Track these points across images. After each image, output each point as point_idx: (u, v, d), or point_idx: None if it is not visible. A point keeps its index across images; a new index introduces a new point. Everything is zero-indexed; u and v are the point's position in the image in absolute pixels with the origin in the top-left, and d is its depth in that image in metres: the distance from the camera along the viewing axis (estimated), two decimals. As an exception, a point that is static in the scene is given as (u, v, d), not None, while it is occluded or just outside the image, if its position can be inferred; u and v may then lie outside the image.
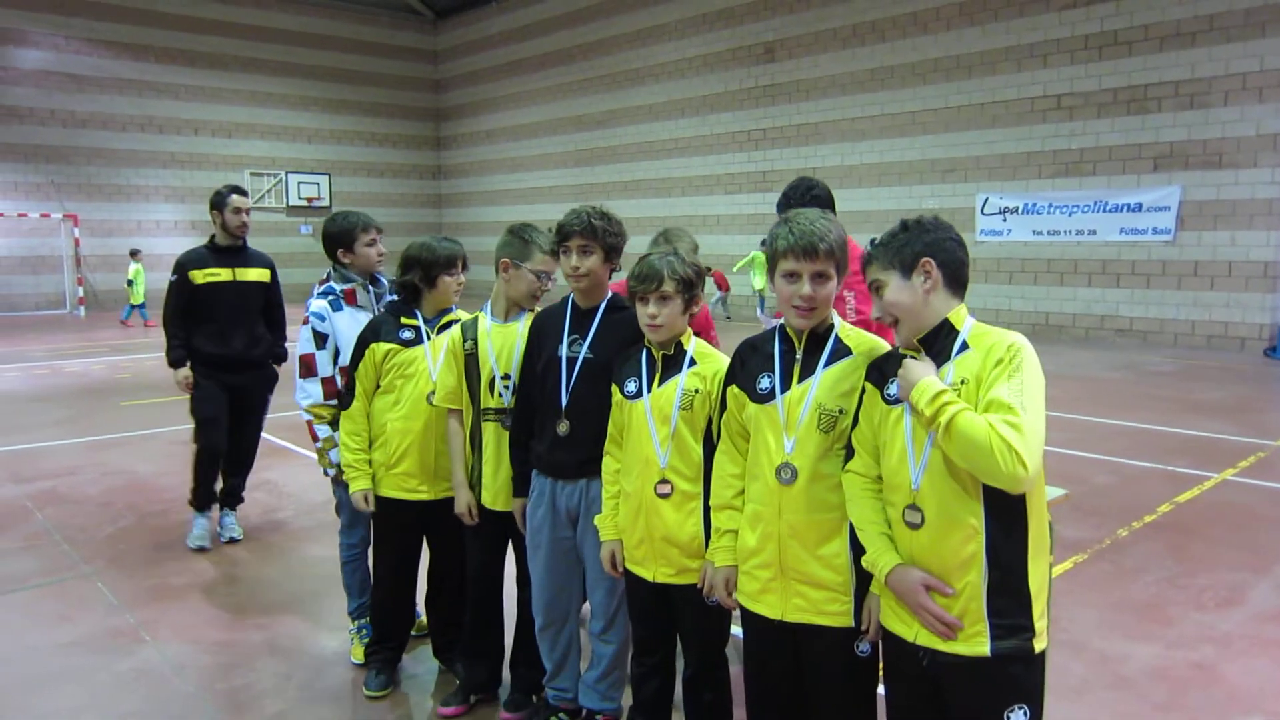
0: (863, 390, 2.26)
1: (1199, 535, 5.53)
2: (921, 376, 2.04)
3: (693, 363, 2.74)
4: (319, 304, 3.79)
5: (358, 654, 3.86)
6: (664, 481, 2.70)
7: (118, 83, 22.94)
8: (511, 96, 26.43)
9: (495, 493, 3.26)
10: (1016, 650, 1.98)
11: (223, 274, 5.31)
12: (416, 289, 3.51)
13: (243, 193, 5.36)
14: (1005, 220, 16.43)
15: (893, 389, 2.15)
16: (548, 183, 25.08)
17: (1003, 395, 1.94)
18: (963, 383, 2.03)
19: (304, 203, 25.93)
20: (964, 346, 2.07)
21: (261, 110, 25.34)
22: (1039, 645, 2.00)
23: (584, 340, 2.98)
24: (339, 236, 3.83)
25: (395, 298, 3.69)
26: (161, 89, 23.64)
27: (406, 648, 3.84)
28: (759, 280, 17.36)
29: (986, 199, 16.58)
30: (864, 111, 18.15)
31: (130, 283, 19.03)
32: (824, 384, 2.31)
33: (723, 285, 19.54)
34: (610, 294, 3.06)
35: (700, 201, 21.34)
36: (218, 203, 5.28)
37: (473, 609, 3.49)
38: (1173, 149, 14.51)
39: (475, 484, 3.30)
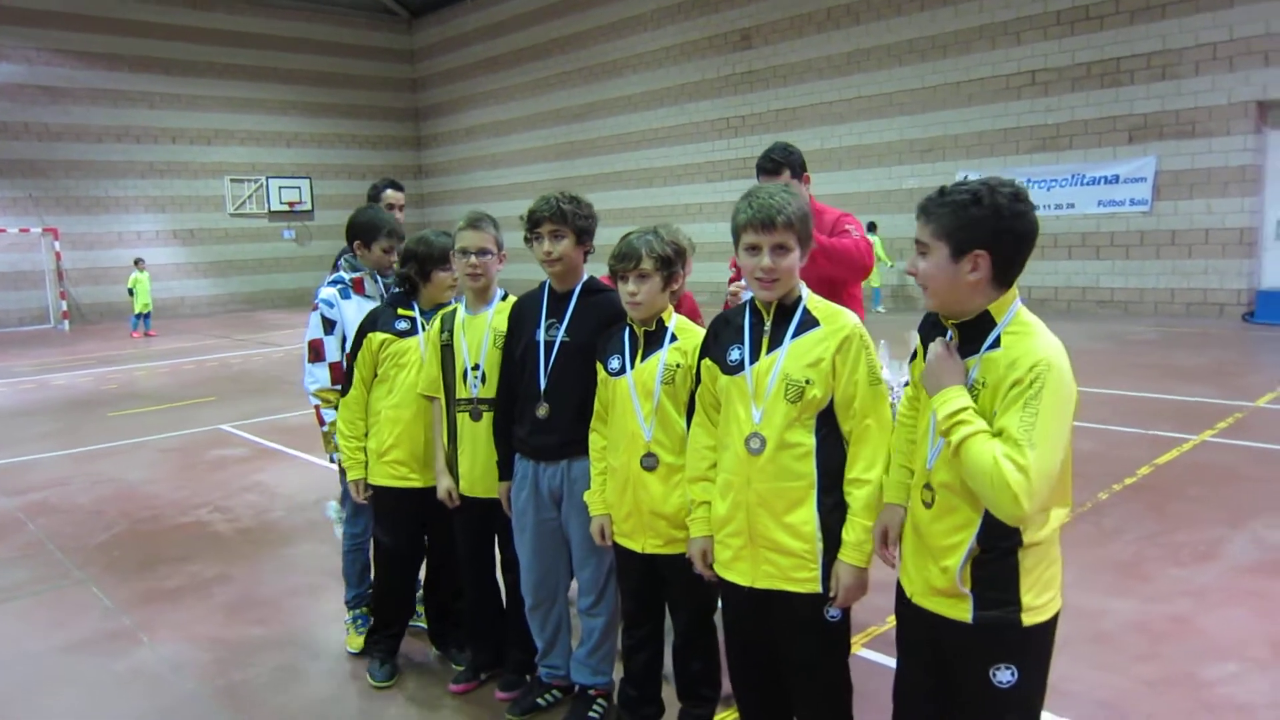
0: (923, 338, 2.21)
1: (1178, 495, 5.64)
2: (946, 384, 1.99)
3: (674, 338, 2.80)
4: (328, 291, 3.87)
5: (354, 643, 3.92)
6: (649, 455, 2.76)
7: (92, 93, 22.80)
8: (489, 93, 26.40)
9: (473, 481, 3.33)
10: (999, 620, 2.02)
11: None
12: (414, 282, 3.58)
13: (398, 187, 5.02)
14: (985, 197, 16.51)
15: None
16: (529, 178, 25.07)
17: (1013, 428, 1.86)
18: (983, 384, 1.97)
19: (285, 207, 25.84)
20: (996, 343, 1.98)
21: (239, 116, 25.23)
22: (1028, 619, 2.01)
23: (561, 323, 3.04)
24: (362, 229, 3.91)
25: (397, 289, 3.75)
26: (137, 98, 23.51)
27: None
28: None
29: (965, 176, 16.54)
30: (841, 95, 18.22)
31: (131, 292, 18.99)
32: (791, 355, 2.36)
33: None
34: (586, 276, 3.12)
35: (682, 190, 21.38)
36: (373, 196, 4.96)
37: (469, 594, 3.57)
38: (1146, 120, 14.62)
39: (454, 473, 3.38)
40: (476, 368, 3.28)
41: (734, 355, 2.46)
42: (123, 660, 3.98)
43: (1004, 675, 2.04)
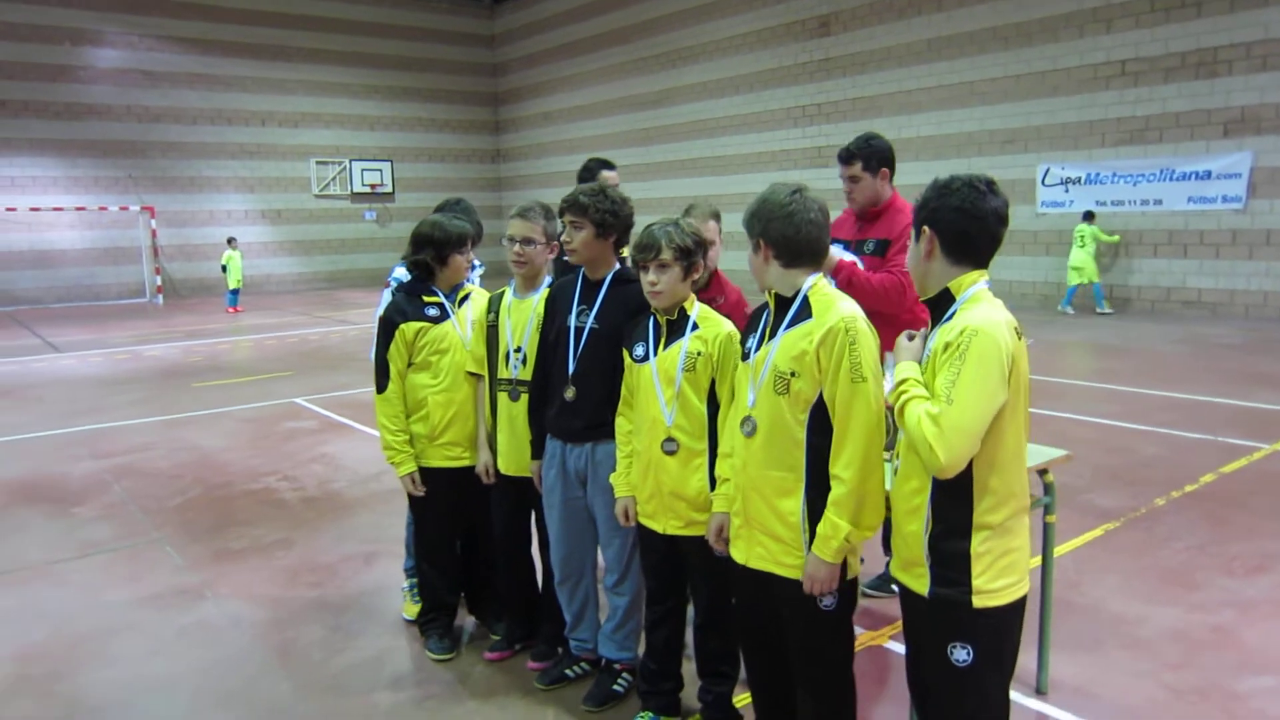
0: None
1: (1239, 505, 5.48)
2: (901, 359, 2.25)
3: (695, 327, 2.89)
4: (400, 271, 3.99)
5: (410, 610, 4.08)
6: (670, 439, 2.86)
7: (188, 77, 23.74)
8: (567, 79, 26.62)
9: (510, 459, 3.46)
10: (952, 599, 2.16)
11: None
12: (430, 267, 3.69)
13: (610, 166, 4.84)
14: (1067, 191, 16.07)
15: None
16: (605, 164, 25.19)
17: (938, 385, 2.08)
18: (934, 352, 2.17)
19: (367, 189, 26.54)
20: (951, 316, 2.19)
21: (325, 99, 25.97)
22: (978, 602, 2.13)
23: (591, 310, 3.16)
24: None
25: (408, 277, 3.82)
26: (230, 82, 24.40)
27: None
28: (1083, 262, 15.15)
29: (1048, 169, 16.22)
30: (920, 83, 17.88)
31: (224, 268, 19.81)
32: (781, 346, 2.42)
33: None
34: (617, 266, 3.22)
35: (755, 179, 21.26)
36: (587, 177, 4.70)
37: (503, 568, 3.72)
38: (1244, 113, 14.01)
39: (493, 447, 3.53)
40: (519, 350, 3.41)
41: (749, 343, 2.55)
42: (188, 614, 4.25)
43: (960, 654, 2.16)
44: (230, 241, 20.47)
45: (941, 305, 2.23)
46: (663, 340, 2.90)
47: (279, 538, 5.27)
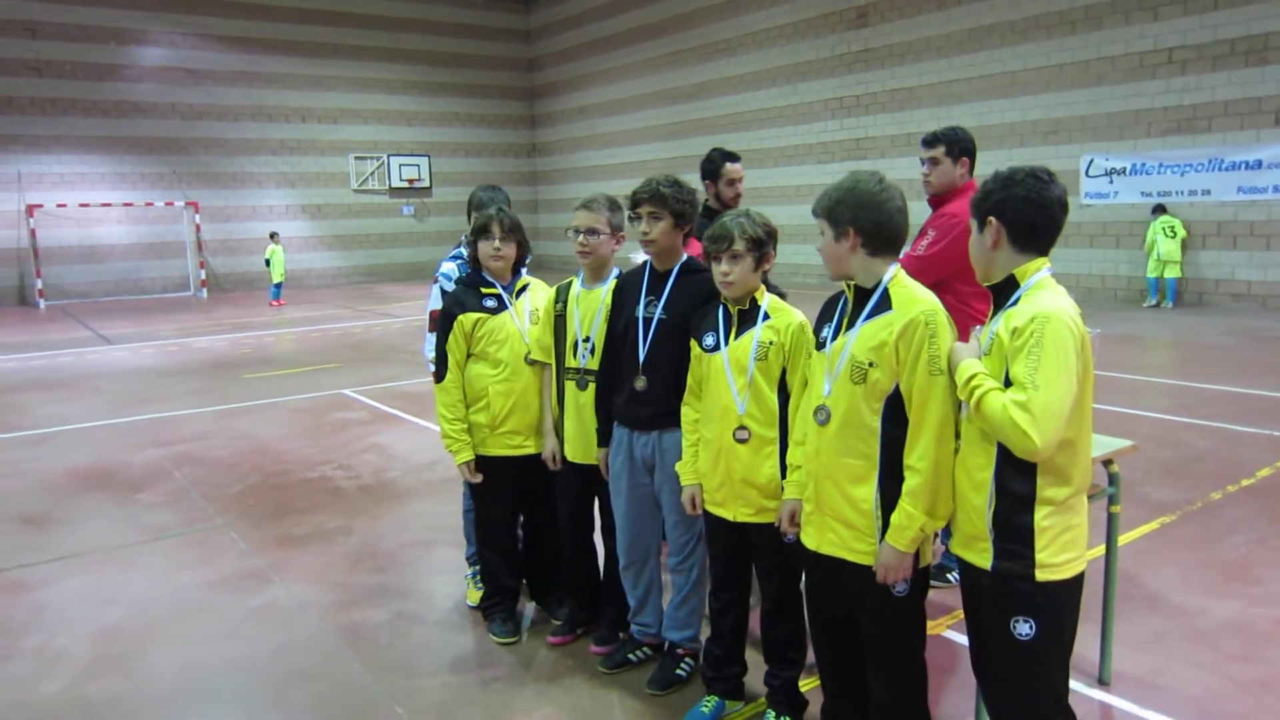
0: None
1: (1298, 497, 5.43)
2: (962, 359, 2.28)
3: (766, 316, 2.92)
4: (448, 266, 4.09)
5: (473, 597, 4.17)
6: (741, 428, 2.90)
7: (230, 75, 24.10)
8: (603, 73, 26.67)
9: (576, 447, 3.53)
10: (1015, 572, 2.21)
11: None
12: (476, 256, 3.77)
13: (735, 158, 4.76)
14: (1112, 182, 15.85)
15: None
16: (640, 157, 25.26)
17: (1019, 372, 2.12)
18: (998, 337, 2.21)
19: (405, 184, 26.79)
20: (1017, 302, 2.24)
21: (364, 95, 26.24)
22: (1041, 575, 2.19)
23: (659, 301, 3.20)
24: (477, 207, 4.09)
25: (455, 274, 3.96)
26: (270, 79, 24.73)
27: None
28: (1164, 255, 14.68)
29: (1091, 160, 16.01)
30: (961, 73, 17.71)
31: (268, 262, 20.14)
32: (860, 337, 2.45)
33: None
34: (685, 257, 3.27)
35: (792, 172, 21.20)
36: (710, 172, 4.77)
37: (567, 553, 3.78)
38: (1295, 101, 13.75)
39: (560, 435, 3.60)
40: (587, 340, 3.46)
41: (824, 332, 2.58)
42: (257, 596, 4.37)
43: (1023, 627, 2.21)
44: (273, 236, 20.80)
45: (1005, 291, 2.29)
46: (734, 330, 2.94)
47: (339, 525, 5.39)
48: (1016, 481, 2.19)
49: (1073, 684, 3.33)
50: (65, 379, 10.87)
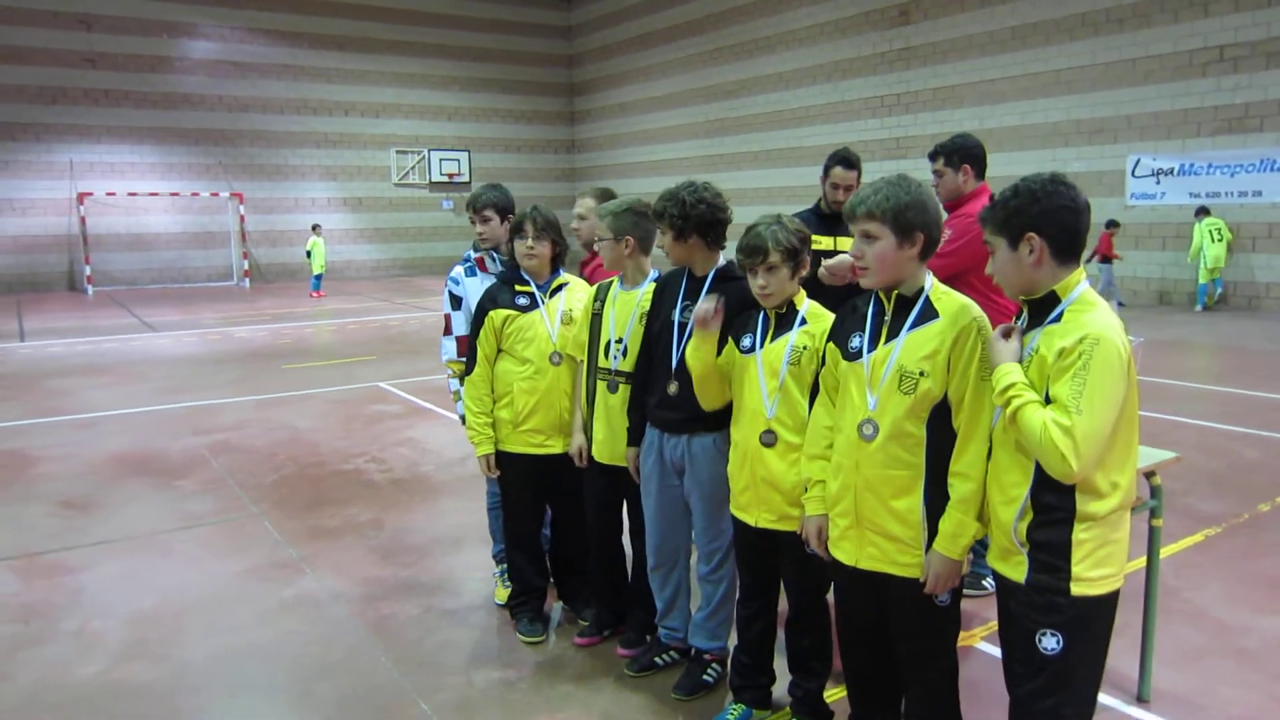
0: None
1: (1348, 511, 5.27)
2: (1001, 361, 2.18)
3: (804, 321, 2.88)
4: (456, 270, 4.12)
5: (500, 595, 4.17)
6: (769, 431, 2.86)
7: (276, 68, 24.44)
8: (642, 69, 26.64)
9: (604, 448, 3.51)
10: (1049, 585, 2.15)
11: (824, 242, 4.52)
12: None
13: (846, 164, 4.55)
14: (1159, 183, 15.53)
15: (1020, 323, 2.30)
16: (679, 154, 25.22)
17: (1063, 394, 2.04)
18: (1038, 353, 2.13)
19: (445, 178, 27.00)
20: (1058, 318, 2.15)
21: (406, 90, 26.48)
22: (1076, 589, 2.12)
23: (694, 306, 3.17)
24: (502, 204, 4.09)
25: (504, 266, 3.99)
26: (314, 73, 25.04)
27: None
28: (1211, 260, 14.40)
29: (1138, 160, 15.70)
30: (1004, 72, 17.45)
31: (309, 254, 20.41)
32: (907, 347, 2.40)
33: (1107, 250, 15.58)
34: (721, 263, 3.24)
35: (832, 170, 21.01)
36: (825, 170, 4.66)
37: (594, 555, 3.77)
38: (1352, 102, 13.38)
39: (588, 434, 3.60)
40: (620, 341, 3.44)
41: (855, 342, 2.53)
42: (289, 587, 4.41)
43: (1049, 642, 2.14)
44: (315, 228, 21.06)
45: (1046, 304, 2.19)
46: (770, 332, 2.91)
47: (371, 518, 5.43)
48: (1054, 497, 2.13)
49: (1110, 701, 3.30)
50: (110, 364, 11.09)
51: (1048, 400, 2.08)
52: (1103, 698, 3.32)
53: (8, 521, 5.42)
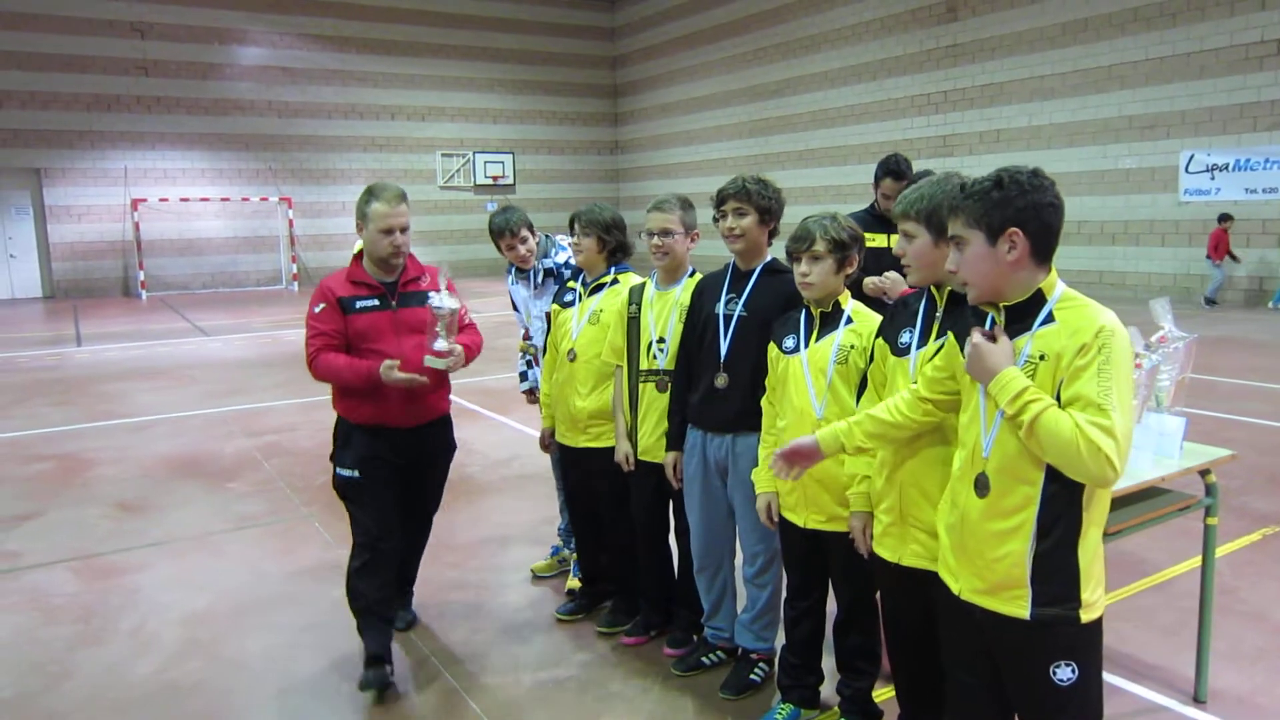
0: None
1: None
2: (1000, 367, 1.99)
3: (849, 321, 2.88)
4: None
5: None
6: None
7: (324, 73, 24.83)
8: (686, 70, 26.62)
9: (652, 448, 3.53)
10: (1059, 618, 2.02)
11: (879, 239, 4.58)
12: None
13: (897, 175, 4.66)
14: (1213, 179, 15.17)
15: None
16: (723, 154, 25.16)
17: (1091, 392, 1.89)
18: (1041, 358, 1.98)
19: (490, 181, 27.20)
20: (1049, 318, 2.01)
21: (450, 94, 26.74)
22: (1085, 616, 2.02)
23: (740, 299, 3.18)
24: (527, 220, 4.43)
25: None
26: (362, 77, 25.40)
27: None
28: None
29: (1192, 156, 15.35)
30: (1054, 68, 17.16)
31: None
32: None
33: (1220, 247, 14.66)
34: (769, 257, 3.24)
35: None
36: (876, 178, 4.80)
37: (642, 555, 3.79)
38: None
39: (633, 439, 3.59)
40: (662, 341, 3.46)
41: (905, 338, 2.52)
42: (339, 588, 4.42)
43: (1065, 673, 2.04)
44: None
45: (1030, 307, 2.04)
46: (815, 333, 2.90)
47: (418, 518, 5.49)
48: (1064, 518, 1.99)
49: (1167, 701, 3.27)
50: (163, 368, 11.35)
51: (1059, 402, 1.94)
52: (1159, 698, 3.30)
53: (65, 524, 5.57)
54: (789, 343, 2.95)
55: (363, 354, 3.50)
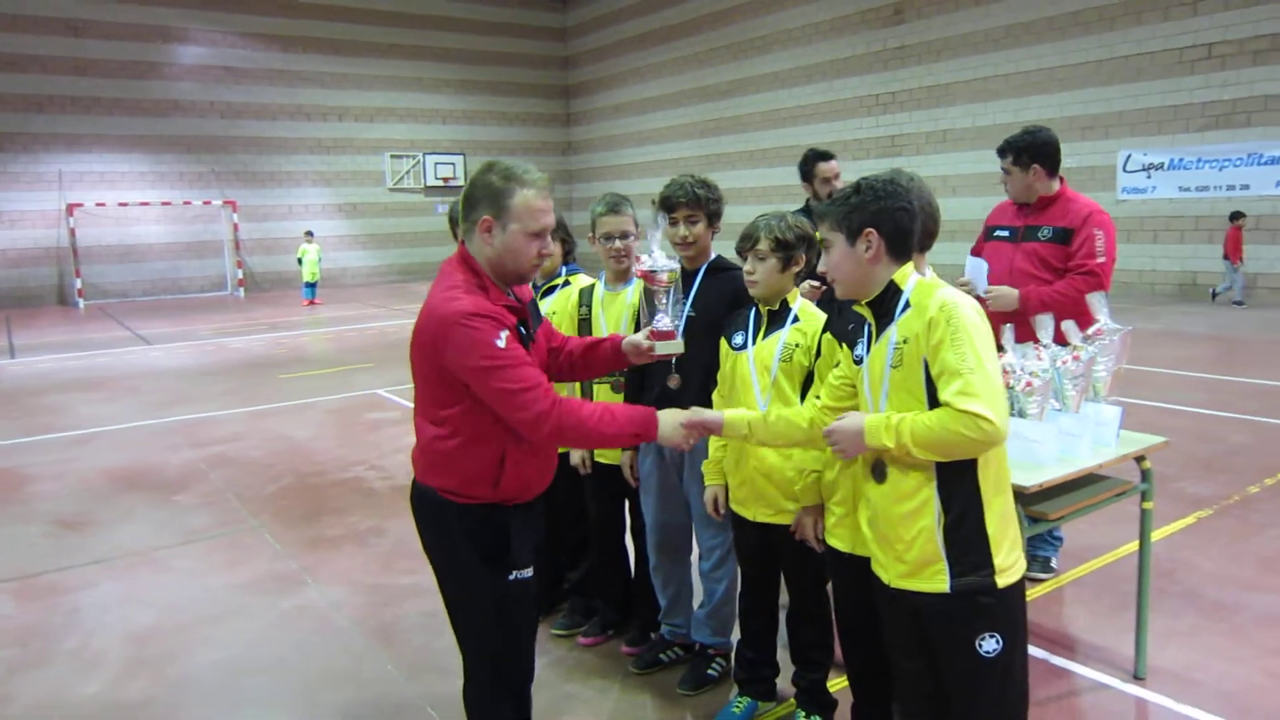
0: (821, 338, 2.51)
1: (1342, 500, 5.32)
2: (857, 428, 2.19)
3: (796, 319, 2.91)
4: None
5: None
6: None
7: (269, 73, 24.40)
8: (638, 70, 26.67)
9: (605, 449, 3.53)
10: (977, 586, 2.14)
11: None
12: None
13: (827, 157, 4.95)
14: (1149, 177, 15.61)
15: (859, 349, 2.31)
16: (675, 155, 25.25)
17: (950, 361, 2.06)
18: (905, 341, 2.16)
19: (440, 182, 26.98)
20: (907, 305, 2.20)
21: (400, 94, 26.46)
22: (1002, 581, 2.14)
23: (688, 299, 3.20)
24: None
25: None
26: (308, 78, 25.01)
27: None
28: None
29: (1129, 155, 15.77)
30: (998, 70, 17.50)
31: (300, 261, 20.36)
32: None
33: (1235, 249, 14.30)
34: (713, 255, 3.26)
35: (826, 169, 21.04)
36: (806, 173, 4.99)
37: (598, 555, 3.80)
38: (1340, 95, 13.45)
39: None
40: None
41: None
42: (290, 598, 4.42)
43: (989, 644, 2.15)
44: (308, 235, 20.99)
45: (887, 299, 2.24)
46: (762, 330, 2.93)
47: (372, 525, 5.44)
48: (963, 489, 2.14)
49: (1107, 679, 3.38)
50: (103, 379, 11.07)
51: (932, 385, 2.11)
52: (1100, 676, 3.41)
53: (2, 543, 5.38)
54: (738, 339, 2.98)
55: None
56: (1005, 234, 4.27)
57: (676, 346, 2.64)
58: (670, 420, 2.46)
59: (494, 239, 2.41)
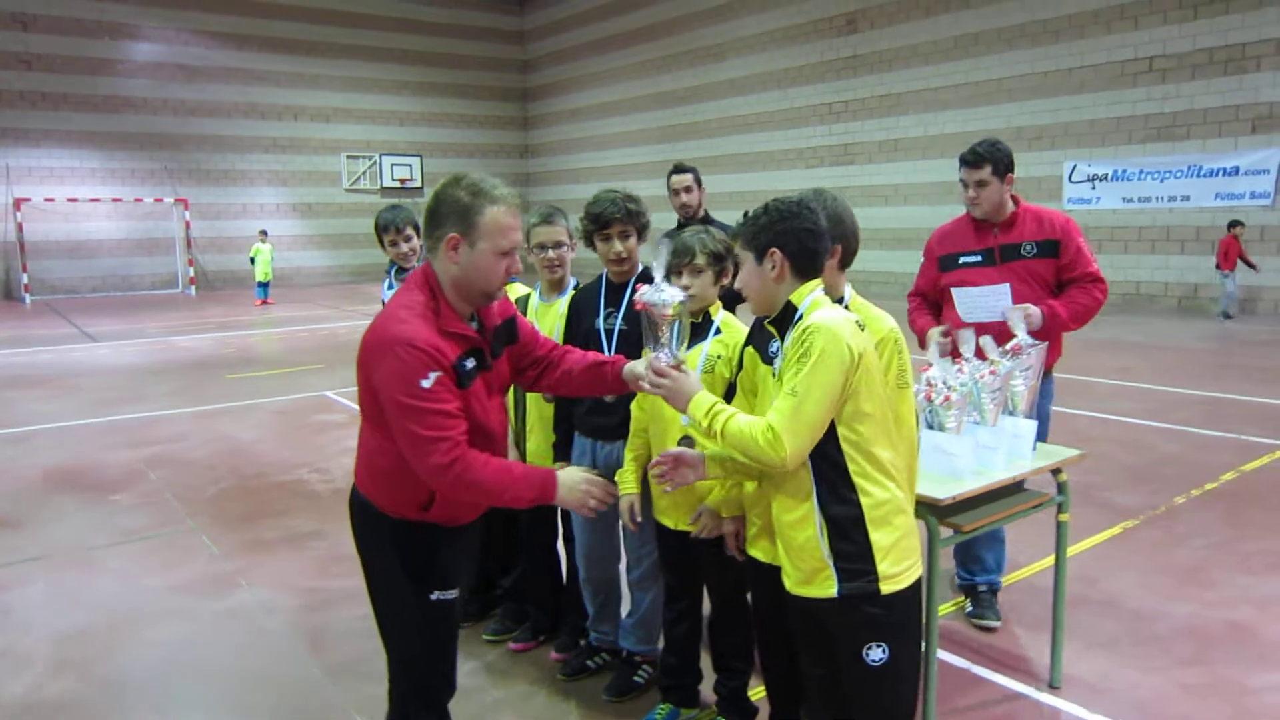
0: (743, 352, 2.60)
1: (1259, 503, 5.50)
2: (688, 394, 2.34)
3: (718, 331, 2.97)
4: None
5: None
6: (685, 438, 2.94)
7: (224, 72, 24.10)
8: (596, 75, 26.73)
9: (540, 458, 3.57)
10: (862, 591, 2.22)
11: None
12: None
13: (680, 169, 5.05)
14: (1094, 188, 15.99)
15: (773, 347, 2.37)
16: (632, 160, 25.33)
17: (789, 380, 2.18)
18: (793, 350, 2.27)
19: (397, 184, 26.82)
20: (800, 321, 2.29)
21: (357, 95, 26.26)
22: (885, 588, 2.22)
23: (619, 313, 3.25)
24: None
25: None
26: (263, 76, 24.74)
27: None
28: None
29: (1074, 166, 16.14)
30: (948, 80, 17.83)
31: (252, 260, 20.11)
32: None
33: (1230, 255, 13.89)
34: (641, 268, 3.32)
35: (779, 176, 21.26)
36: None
37: (529, 562, 3.83)
38: (1272, 110, 13.90)
39: (521, 448, 3.63)
40: None
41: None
42: (223, 601, 4.40)
43: (876, 653, 2.23)
44: (262, 234, 20.76)
45: (786, 315, 2.33)
46: (685, 341, 2.98)
47: (311, 529, 5.42)
48: (839, 498, 2.23)
49: (1023, 688, 3.45)
50: (46, 376, 10.88)
51: None
52: (1016, 685, 3.49)
53: (-64, 538, 5.31)
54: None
55: None
56: (976, 259, 3.89)
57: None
58: (570, 481, 2.41)
59: (460, 257, 2.31)
